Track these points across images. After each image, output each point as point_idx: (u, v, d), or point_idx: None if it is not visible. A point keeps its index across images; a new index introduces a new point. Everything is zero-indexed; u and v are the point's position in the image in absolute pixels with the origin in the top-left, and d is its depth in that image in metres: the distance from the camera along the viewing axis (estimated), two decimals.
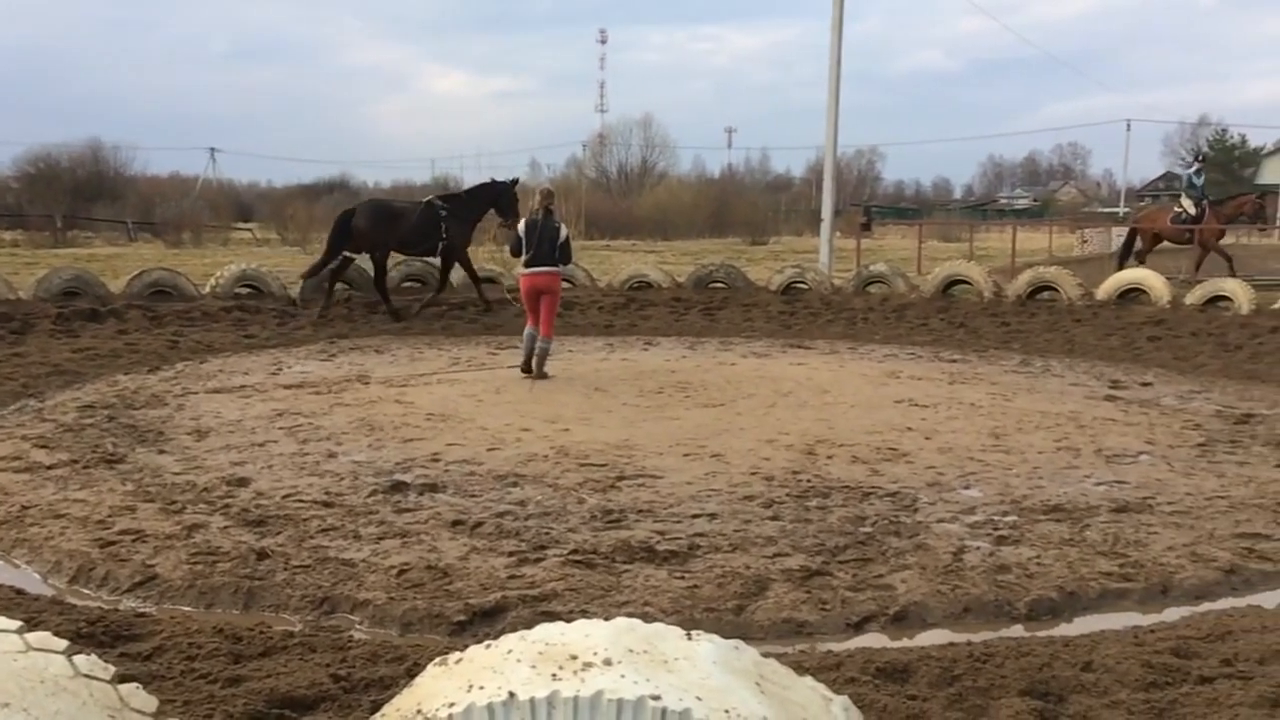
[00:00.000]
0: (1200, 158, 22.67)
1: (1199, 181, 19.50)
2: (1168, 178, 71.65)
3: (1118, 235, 27.65)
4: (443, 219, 13.32)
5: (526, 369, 9.73)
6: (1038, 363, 11.16)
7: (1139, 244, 19.68)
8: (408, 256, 14.39)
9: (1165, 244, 19.71)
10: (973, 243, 30.44)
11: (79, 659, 1.89)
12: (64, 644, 1.92)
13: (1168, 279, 13.90)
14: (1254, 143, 68.61)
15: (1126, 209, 55.07)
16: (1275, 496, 5.80)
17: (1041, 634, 4.00)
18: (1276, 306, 12.19)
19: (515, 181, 13.92)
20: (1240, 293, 12.66)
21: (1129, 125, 71.05)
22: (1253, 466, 6.53)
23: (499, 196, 13.58)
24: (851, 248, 21.39)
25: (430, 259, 14.24)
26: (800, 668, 2.10)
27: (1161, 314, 12.74)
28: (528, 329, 9.81)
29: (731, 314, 14.30)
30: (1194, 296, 13.04)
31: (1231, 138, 70.10)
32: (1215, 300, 12.85)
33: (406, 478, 6.02)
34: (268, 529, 5.06)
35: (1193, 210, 18.81)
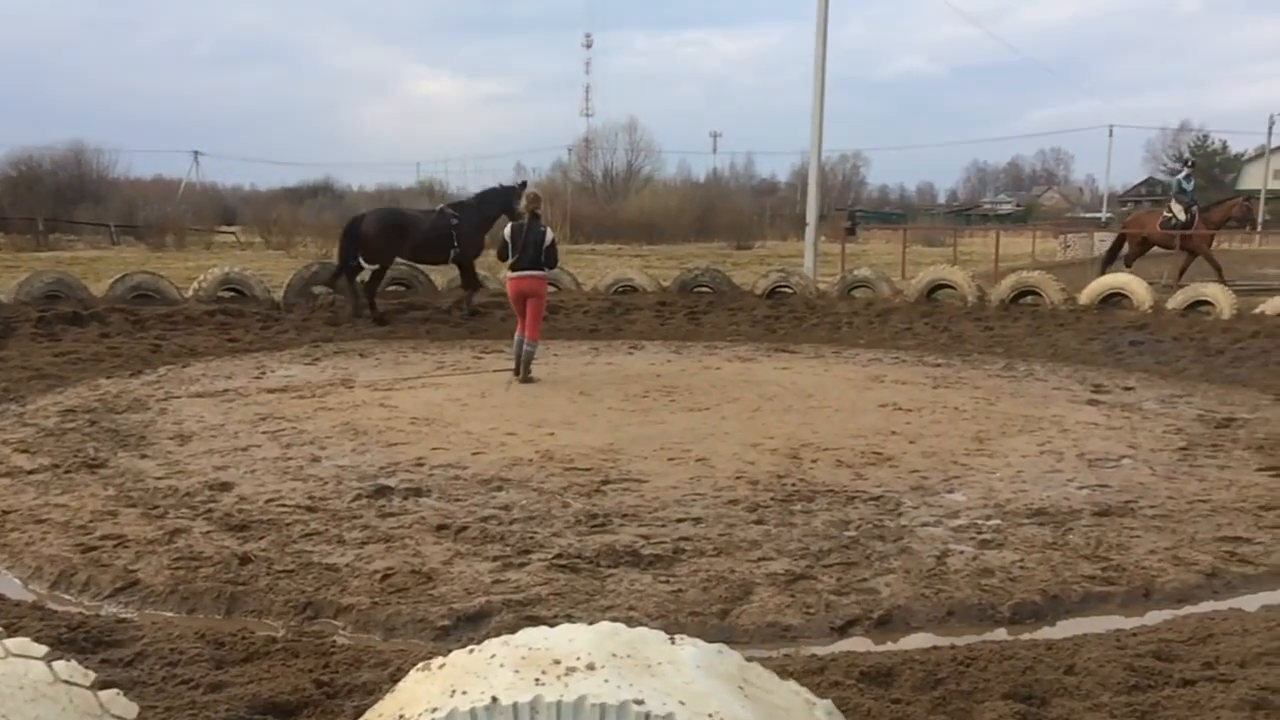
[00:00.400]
0: (1190, 163, 22.77)
1: (1189, 186, 19.56)
2: (1149, 183, 72.20)
3: (1100, 240, 27.86)
4: (453, 227, 13.33)
5: (518, 373, 9.74)
6: (1021, 367, 11.21)
7: (1126, 248, 19.76)
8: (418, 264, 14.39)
9: (1151, 249, 19.80)
10: (956, 247, 30.57)
11: (58, 665, 1.88)
12: (43, 650, 1.91)
13: (1150, 284, 13.98)
14: (1235, 148, 69.35)
15: (1109, 214, 55.45)
16: (1256, 500, 5.84)
17: (1024, 637, 4.02)
18: (1257, 311, 12.29)
19: (523, 184, 13.95)
20: (1222, 298, 12.74)
21: (1111, 131, 71.52)
22: (1234, 470, 6.58)
23: (511, 201, 13.59)
24: (836, 252, 21.45)
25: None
26: (784, 671, 2.10)
27: (1144, 319, 12.82)
28: (517, 334, 9.81)
29: (716, 318, 14.32)
30: (1176, 301, 13.13)
31: (1212, 143, 70.76)
32: (1197, 305, 12.93)
33: (390, 482, 6.01)
34: (250, 534, 5.04)
35: (1182, 216, 18.85)
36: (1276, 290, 14.43)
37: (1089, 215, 59.71)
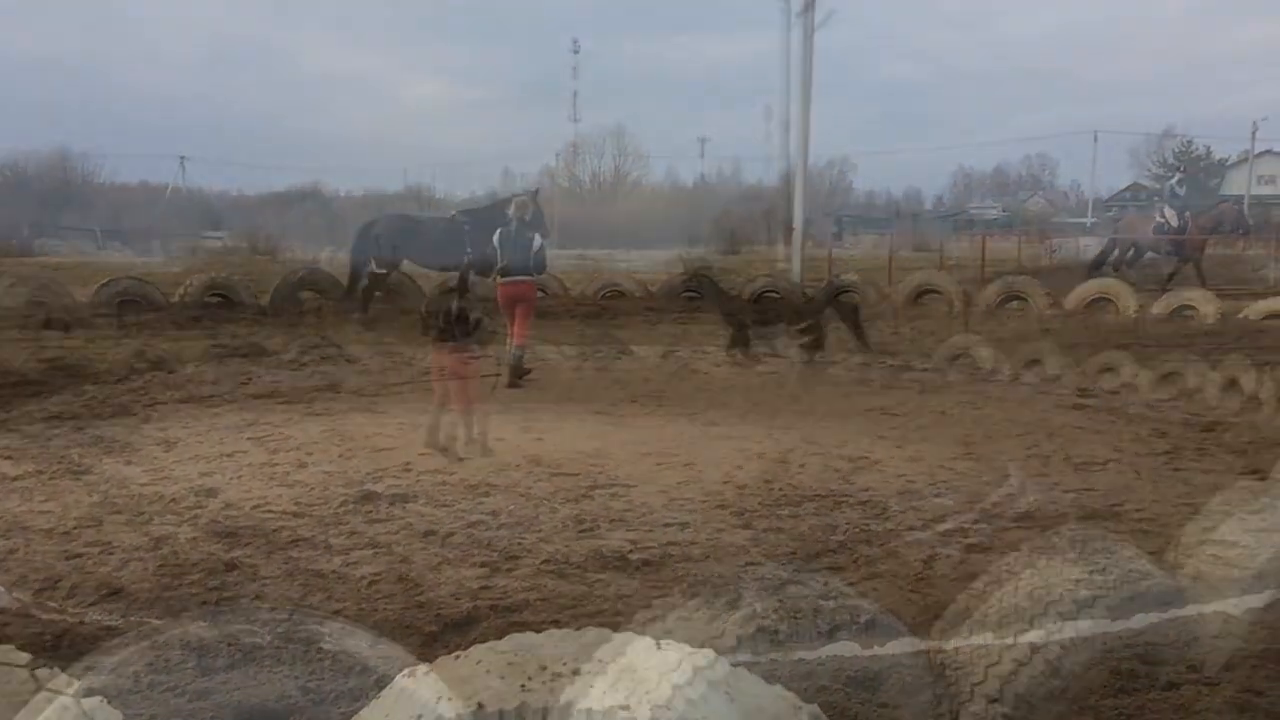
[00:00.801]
0: (1182, 168, 22.89)
1: (1181, 192, 19.65)
2: (1134, 188, 72.53)
3: (1085, 245, 27.97)
4: (467, 234, 13.33)
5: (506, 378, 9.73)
6: (1007, 371, 11.23)
7: (1116, 253, 19.83)
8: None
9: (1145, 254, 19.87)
10: (943, 252, 30.65)
11: (42, 673, 1.87)
12: (27, 658, 1.90)
13: (1135, 288, 14.05)
14: (1218, 154, 69.80)
15: (1094, 219, 55.71)
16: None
17: (1011, 641, 4.02)
18: (1241, 315, 12.36)
19: (536, 192, 13.96)
20: (1206, 302, 12.82)
21: (1096, 137, 71.72)
22: (1219, 474, 6.61)
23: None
24: (823, 257, 21.48)
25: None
26: (771, 676, 2.10)
27: (1129, 323, 12.88)
28: (508, 338, 9.80)
29: (704, 322, 14.34)
30: (1160, 306, 13.20)
31: (1197, 149, 71.15)
32: (1181, 309, 13.01)
33: (378, 488, 5.98)
34: (236, 540, 5.01)
35: (1175, 221, 18.92)
36: (1260, 294, 14.52)
37: (1074, 220, 59.92)
